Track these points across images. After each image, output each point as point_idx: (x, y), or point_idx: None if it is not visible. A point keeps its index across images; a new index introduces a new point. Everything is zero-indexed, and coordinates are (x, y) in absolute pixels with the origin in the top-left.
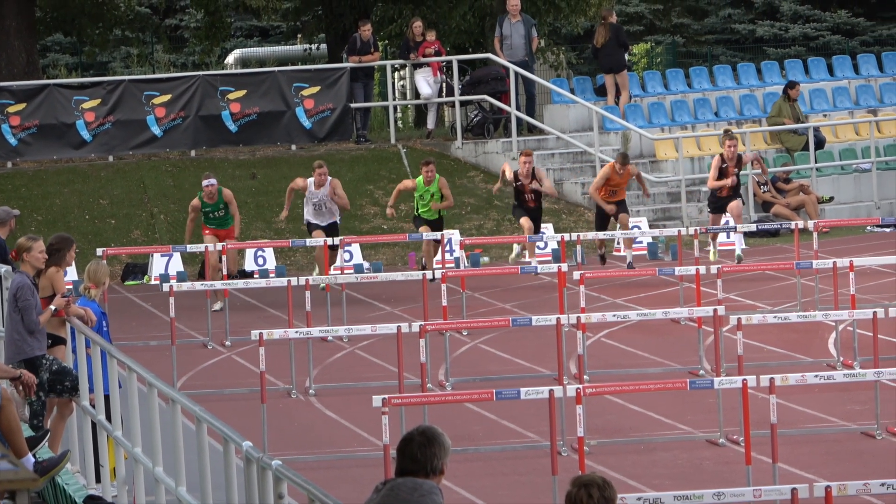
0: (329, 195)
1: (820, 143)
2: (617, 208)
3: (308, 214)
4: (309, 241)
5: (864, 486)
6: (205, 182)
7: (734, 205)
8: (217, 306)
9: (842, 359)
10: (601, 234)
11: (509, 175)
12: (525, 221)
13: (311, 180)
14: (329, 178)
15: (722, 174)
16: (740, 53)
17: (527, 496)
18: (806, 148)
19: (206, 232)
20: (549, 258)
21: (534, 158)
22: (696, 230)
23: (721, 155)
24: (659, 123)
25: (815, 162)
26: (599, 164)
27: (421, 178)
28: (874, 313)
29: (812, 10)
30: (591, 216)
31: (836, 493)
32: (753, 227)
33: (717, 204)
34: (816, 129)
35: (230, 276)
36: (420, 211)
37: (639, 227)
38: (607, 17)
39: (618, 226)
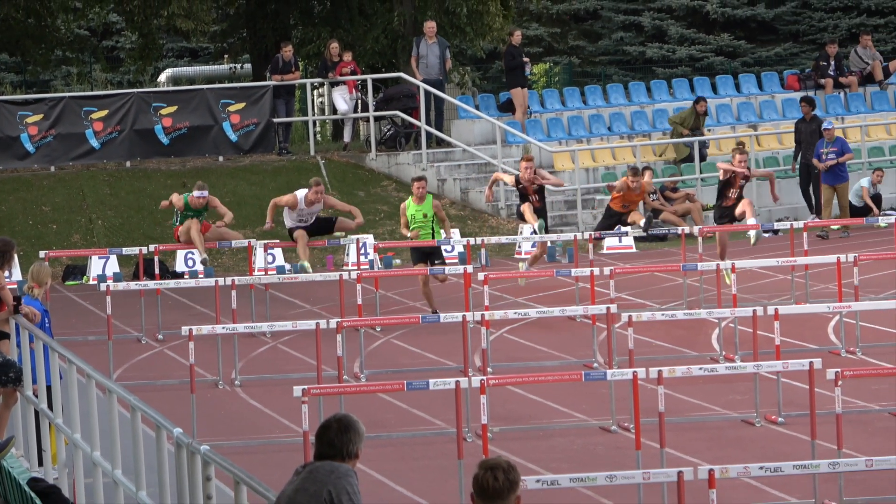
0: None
1: (703, 156)
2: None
3: (291, 223)
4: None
5: (745, 469)
6: (197, 193)
7: (745, 202)
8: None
9: (724, 353)
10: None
11: (510, 181)
12: (526, 207)
13: (300, 196)
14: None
15: (728, 185)
16: (631, 73)
17: (435, 479)
18: (691, 159)
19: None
20: (456, 260)
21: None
22: (590, 234)
23: (731, 164)
24: (557, 137)
25: (700, 173)
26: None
27: (410, 199)
28: (754, 311)
29: (697, 33)
30: (494, 222)
31: (718, 475)
32: (643, 233)
33: (724, 215)
34: (702, 143)
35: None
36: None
37: (535, 232)
38: (513, 37)
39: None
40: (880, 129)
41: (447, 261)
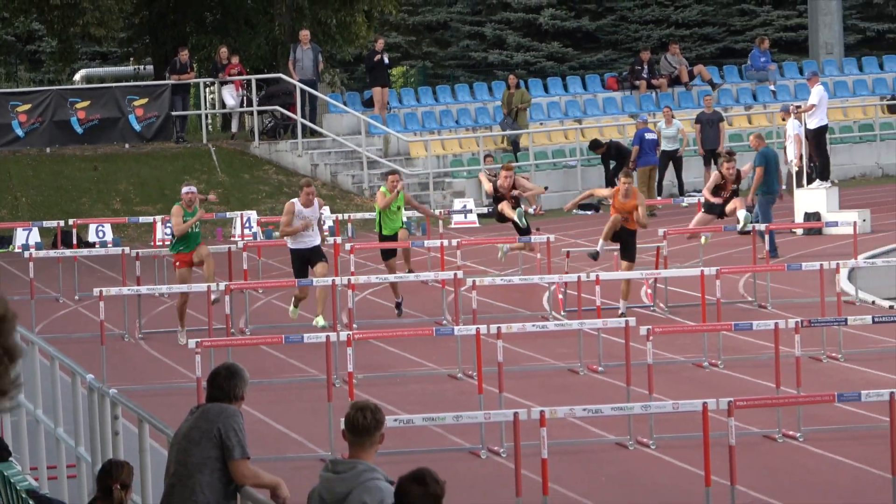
0: (317, 216)
1: (516, 145)
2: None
3: (294, 244)
4: (299, 283)
5: (570, 411)
6: (185, 189)
7: (736, 200)
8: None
9: (553, 312)
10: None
11: (487, 188)
12: (504, 205)
13: (296, 200)
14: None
15: (719, 189)
16: (476, 75)
17: (309, 419)
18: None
19: (178, 264)
20: (328, 233)
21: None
22: (440, 212)
23: (721, 173)
24: (412, 129)
25: (534, 159)
26: (366, 160)
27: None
28: (578, 277)
29: (532, 41)
30: (359, 201)
31: (548, 416)
32: (485, 210)
33: (712, 207)
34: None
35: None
36: (385, 231)
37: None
38: (376, 44)
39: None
40: (686, 123)
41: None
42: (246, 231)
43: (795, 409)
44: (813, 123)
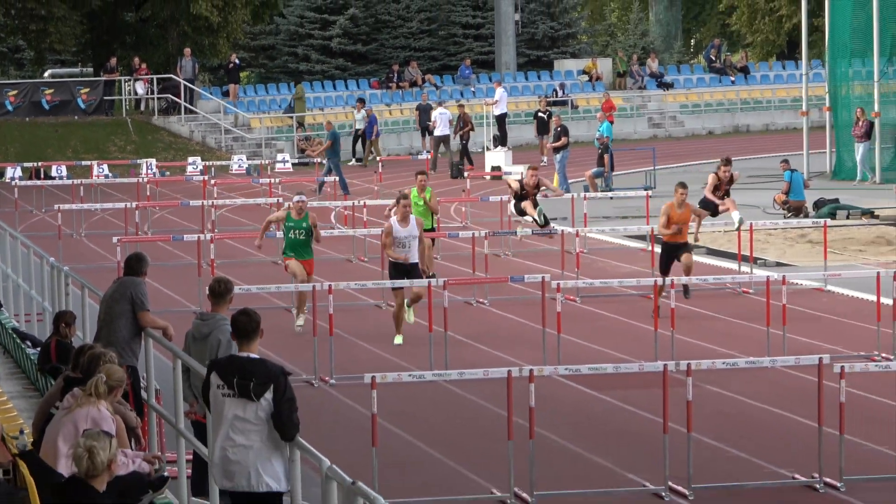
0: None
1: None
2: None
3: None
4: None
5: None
6: (296, 198)
7: (729, 200)
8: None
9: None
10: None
11: (515, 186)
12: (527, 204)
13: (393, 219)
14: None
15: (716, 188)
16: (290, 78)
17: (185, 281)
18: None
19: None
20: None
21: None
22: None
23: (716, 174)
24: (252, 110)
25: (314, 130)
26: (223, 128)
27: (414, 189)
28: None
29: (327, 58)
30: (220, 153)
31: (536, 373)
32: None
33: (708, 204)
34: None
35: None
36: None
37: (242, 161)
38: (233, 57)
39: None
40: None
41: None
42: (149, 172)
43: None
44: (497, 111)
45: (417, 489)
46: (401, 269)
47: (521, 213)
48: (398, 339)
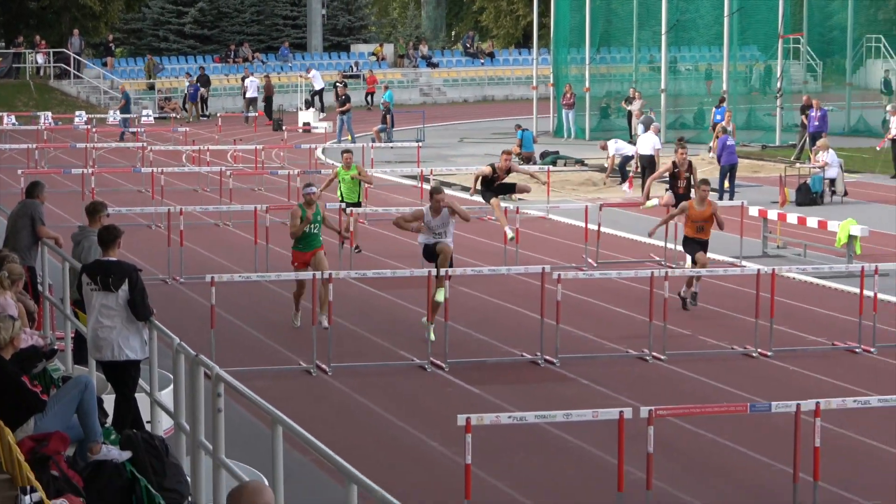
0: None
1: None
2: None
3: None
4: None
5: None
6: (307, 189)
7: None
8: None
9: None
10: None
11: (487, 171)
12: (495, 201)
13: (425, 208)
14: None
15: (674, 177)
16: (154, 53)
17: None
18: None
19: (296, 264)
20: None
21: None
22: (133, 116)
23: (674, 161)
24: (125, 76)
25: (168, 92)
26: (103, 91)
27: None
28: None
29: (180, 39)
30: (100, 109)
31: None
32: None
33: (677, 203)
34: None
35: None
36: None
37: (116, 114)
38: (110, 38)
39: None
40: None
41: None
42: (46, 122)
43: None
44: (317, 87)
45: (248, 360)
46: (429, 250)
47: (486, 200)
48: (427, 327)
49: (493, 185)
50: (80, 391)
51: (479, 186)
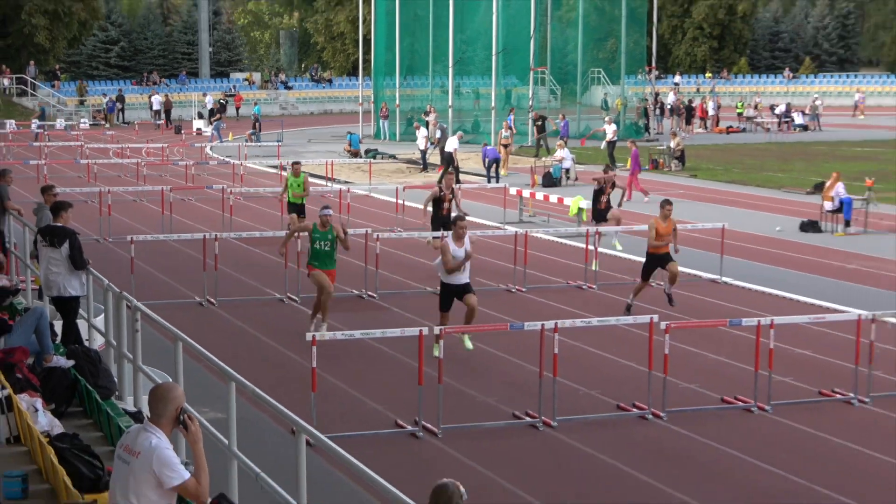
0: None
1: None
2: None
3: (442, 274)
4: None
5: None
6: (323, 211)
7: (614, 212)
8: (323, 328)
9: None
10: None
11: (434, 191)
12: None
13: (448, 239)
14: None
15: (600, 192)
16: (93, 73)
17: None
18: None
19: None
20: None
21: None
22: (74, 123)
23: (596, 180)
24: (67, 95)
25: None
26: (53, 105)
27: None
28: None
29: (126, 60)
30: (49, 118)
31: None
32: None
33: (599, 217)
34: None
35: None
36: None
37: (62, 122)
38: (56, 67)
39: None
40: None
41: None
42: (11, 128)
43: None
44: (209, 106)
45: (158, 296)
46: (451, 291)
47: (436, 226)
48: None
49: (440, 207)
50: (36, 318)
51: (429, 207)
